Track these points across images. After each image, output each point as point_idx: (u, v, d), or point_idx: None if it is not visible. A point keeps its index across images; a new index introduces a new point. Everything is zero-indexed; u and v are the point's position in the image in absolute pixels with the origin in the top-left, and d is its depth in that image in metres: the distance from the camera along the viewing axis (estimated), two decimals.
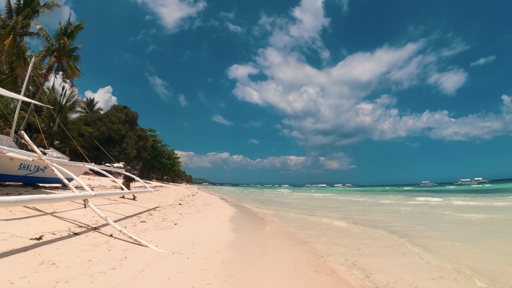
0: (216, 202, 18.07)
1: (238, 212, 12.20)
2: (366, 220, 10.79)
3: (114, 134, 31.47)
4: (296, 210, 14.56)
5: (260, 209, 14.65)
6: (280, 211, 13.80)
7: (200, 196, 23.86)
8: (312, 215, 12.13)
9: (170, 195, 17.78)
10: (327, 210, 15.11)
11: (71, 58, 25.31)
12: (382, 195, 34.48)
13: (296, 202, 21.91)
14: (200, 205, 13.88)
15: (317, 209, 16.17)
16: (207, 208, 12.73)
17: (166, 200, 13.74)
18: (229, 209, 13.57)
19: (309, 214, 12.77)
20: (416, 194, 31.52)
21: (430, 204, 18.34)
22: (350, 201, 22.90)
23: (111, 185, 17.17)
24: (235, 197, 29.06)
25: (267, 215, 11.92)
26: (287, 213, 12.87)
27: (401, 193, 39.67)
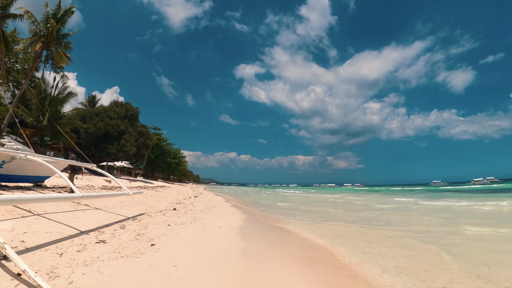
0: (220, 205, 15.67)
1: (249, 221, 9.73)
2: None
3: (112, 130, 29.43)
4: (341, 220, 10.84)
5: (283, 219, 10.23)
6: (319, 222, 9.59)
7: (204, 197, 21.52)
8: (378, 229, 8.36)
9: (167, 197, 15.47)
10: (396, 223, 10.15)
11: (61, 46, 23.26)
12: (412, 195, 30.98)
13: (325, 207, 19.21)
14: (200, 209, 11.47)
15: (371, 219, 11.00)
16: (208, 214, 10.30)
17: (159, 204, 11.39)
18: (235, 215, 11.12)
19: (371, 226, 8.90)
20: (453, 195, 28.14)
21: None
22: (404, 207, 15.99)
23: (86, 185, 14.95)
24: (245, 199, 26.62)
25: (300, 230, 7.84)
26: (330, 225, 9.05)
27: (430, 193, 36.26)
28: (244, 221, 9.29)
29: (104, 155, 29.43)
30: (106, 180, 20.34)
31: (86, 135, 28.55)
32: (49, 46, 22.43)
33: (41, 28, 22.30)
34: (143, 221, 6.96)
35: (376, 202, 20.93)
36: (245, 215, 11.45)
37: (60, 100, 23.33)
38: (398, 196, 30.47)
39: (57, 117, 23.58)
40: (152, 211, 9.10)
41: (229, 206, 15.38)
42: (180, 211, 10.07)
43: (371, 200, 23.10)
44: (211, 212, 11.13)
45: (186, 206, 11.98)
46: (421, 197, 26.09)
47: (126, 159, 30.98)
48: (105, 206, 8.28)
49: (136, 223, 6.49)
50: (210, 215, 10.05)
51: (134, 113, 36.23)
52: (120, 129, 30.20)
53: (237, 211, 12.77)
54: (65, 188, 12.21)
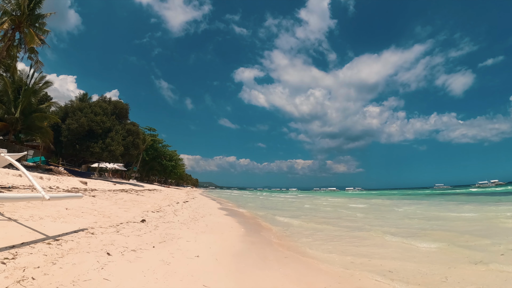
0: (212, 212, 12.80)
1: (249, 241, 6.87)
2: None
3: (96, 127, 26.61)
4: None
5: (302, 241, 6.98)
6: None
7: (195, 203, 18.62)
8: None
9: (147, 203, 12.59)
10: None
11: (35, 28, 20.56)
12: (428, 200, 27.91)
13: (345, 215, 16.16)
14: (181, 220, 8.60)
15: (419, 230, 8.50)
16: (190, 228, 7.44)
17: (126, 213, 8.51)
18: (230, 229, 8.24)
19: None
20: (474, 199, 25.14)
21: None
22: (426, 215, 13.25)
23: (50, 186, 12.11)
24: (244, 204, 23.66)
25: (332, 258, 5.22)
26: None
27: (443, 196, 33.15)
28: (242, 242, 6.44)
29: (88, 155, 26.60)
30: (82, 181, 17.52)
31: (67, 132, 25.76)
32: (20, 27, 19.75)
33: (13, 7, 19.66)
34: (67, 245, 4.11)
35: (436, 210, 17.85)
36: (243, 228, 8.57)
37: (34, 90, 20.57)
38: (434, 200, 27.27)
39: (31, 110, 20.82)
40: (105, 224, 6.24)
41: (223, 215, 12.49)
42: (150, 223, 7.19)
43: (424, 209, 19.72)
44: (197, 224, 8.25)
45: (164, 215, 9.10)
46: (462, 201, 23.05)
47: (112, 159, 28.17)
48: (30, 216, 5.44)
49: (46, 250, 3.64)
50: (193, 230, 7.18)
51: (123, 110, 33.45)
52: (106, 126, 27.40)
53: (232, 222, 9.89)
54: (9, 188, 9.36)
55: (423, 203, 23.33)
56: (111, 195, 13.03)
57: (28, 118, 20.31)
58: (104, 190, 15.88)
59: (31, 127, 20.70)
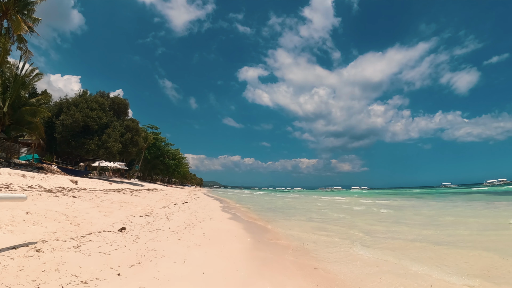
0: (213, 215, 11.27)
1: (260, 256, 5.34)
2: None
3: (92, 123, 25.26)
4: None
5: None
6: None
7: (196, 203, 17.13)
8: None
9: (138, 204, 11.11)
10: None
11: (24, 16, 19.20)
12: (455, 201, 25.51)
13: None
14: (174, 227, 7.09)
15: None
16: (182, 240, 5.96)
17: (108, 217, 7.04)
18: (233, 239, 6.71)
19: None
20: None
21: None
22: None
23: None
24: (250, 205, 22.08)
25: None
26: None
27: (460, 195, 30.76)
28: (249, 259, 4.91)
29: (83, 152, 25.30)
30: (72, 180, 16.15)
31: (61, 129, 24.49)
32: (8, 14, 18.41)
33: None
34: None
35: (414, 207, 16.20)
36: (250, 237, 7.03)
37: (23, 82, 19.24)
38: (462, 201, 25.02)
39: (20, 103, 19.50)
40: (66, 235, 4.76)
41: (226, 219, 10.95)
42: (131, 233, 5.68)
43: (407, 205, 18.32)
44: (192, 232, 6.72)
45: (154, 220, 7.58)
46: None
47: (109, 157, 26.83)
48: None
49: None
50: (185, 241, 5.66)
51: (122, 106, 32.08)
52: (102, 122, 26.06)
53: (236, 229, 8.35)
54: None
55: (459, 205, 20.79)
56: (99, 196, 11.60)
57: (16, 112, 19.07)
58: (94, 190, 14.48)
59: (20, 121, 19.45)
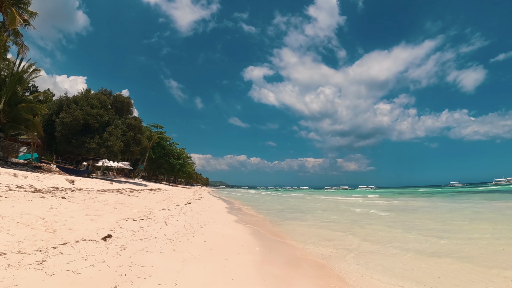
0: (217, 218, 10.29)
1: (272, 275, 4.31)
2: None
3: (93, 121, 24.55)
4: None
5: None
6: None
7: (200, 204, 16.20)
8: None
9: (135, 206, 10.19)
10: None
11: (20, 9, 18.50)
12: (477, 201, 23.61)
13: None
14: (171, 233, 6.14)
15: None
16: (177, 250, 5.00)
17: (95, 222, 6.12)
18: (240, 251, 5.72)
19: None
20: None
21: None
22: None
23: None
24: (258, 205, 21.05)
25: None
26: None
27: (475, 194, 28.80)
28: (259, 278, 3.88)
29: (83, 151, 24.62)
30: (68, 180, 15.37)
31: (61, 127, 23.83)
32: (2, 7, 17.71)
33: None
34: None
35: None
36: (259, 246, 6.02)
37: (19, 78, 18.55)
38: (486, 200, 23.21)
39: (16, 100, 18.83)
40: (33, 245, 3.83)
41: (231, 222, 9.96)
42: (117, 242, 4.73)
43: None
44: (191, 240, 5.74)
45: (149, 225, 6.64)
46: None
47: (110, 156, 26.11)
48: None
49: None
50: (181, 253, 4.68)
51: (124, 104, 31.35)
52: (104, 120, 25.34)
53: (243, 234, 7.34)
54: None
55: (486, 207, 19.08)
56: (93, 197, 10.74)
57: (13, 109, 18.41)
58: (91, 190, 13.65)
59: (16, 119, 18.79)
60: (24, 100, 19.42)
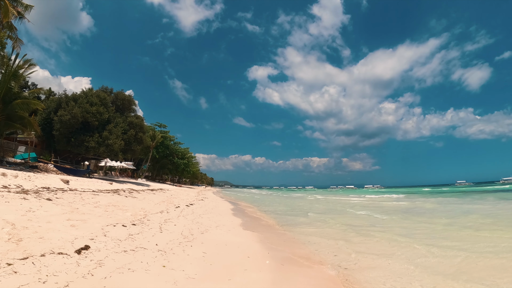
0: (220, 223, 9.35)
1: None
2: None
3: (92, 119, 23.82)
4: None
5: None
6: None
7: (203, 206, 15.29)
8: None
9: (134, 207, 9.29)
10: None
11: (14, 2, 17.76)
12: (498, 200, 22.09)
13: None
14: (164, 243, 5.21)
15: None
16: (168, 267, 4.03)
17: (76, 229, 5.20)
18: (246, 266, 4.73)
19: None
20: None
21: None
22: None
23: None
24: (266, 208, 20.04)
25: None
26: None
27: (491, 194, 27.49)
28: None
29: (82, 150, 23.91)
30: (63, 180, 14.57)
31: (59, 125, 23.14)
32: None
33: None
34: None
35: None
36: (269, 258, 5.04)
37: (14, 73, 17.84)
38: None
39: (11, 96, 18.12)
40: None
41: (237, 226, 9.00)
42: (94, 255, 3.78)
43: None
44: (186, 252, 4.79)
45: (140, 232, 5.71)
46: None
47: (110, 155, 25.39)
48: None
49: None
50: (171, 272, 3.73)
51: (125, 102, 30.61)
52: (103, 117, 24.60)
53: (250, 243, 6.38)
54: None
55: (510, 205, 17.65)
56: (85, 198, 9.88)
57: (7, 106, 17.75)
58: (86, 190, 12.82)
59: (11, 117, 18.11)
60: (19, 97, 18.71)
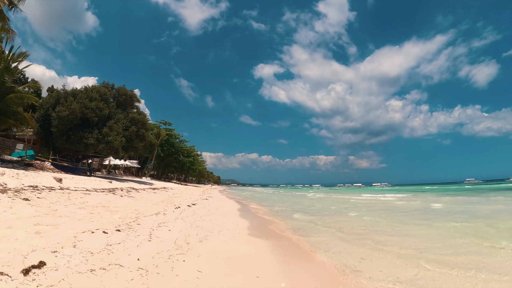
0: (224, 226, 8.17)
1: None
2: None
3: (91, 115, 22.87)
4: None
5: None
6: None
7: (206, 206, 14.17)
8: None
9: (126, 209, 8.19)
10: None
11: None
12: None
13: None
14: (150, 257, 4.02)
15: None
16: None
17: (39, 238, 4.01)
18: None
19: None
20: None
21: None
22: None
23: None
24: (277, 208, 18.76)
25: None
26: None
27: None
28: None
29: (81, 147, 23.03)
30: (56, 178, 13.60)
31: (57, 121, 22.29)
32: None
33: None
34: None
35: None
36: (284, 272, 3.83)
37: (6, 66, 16.95)
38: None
39: (4, 91, 17.25)
40: None
41: (243, 229, 7.81)
42: (46, 276, 2.58)
43: None
44: (178, 268, 3.61)
45: (124, 238, 4.56)
46: None
47: (110, 152, 24.49)
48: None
49: None
50: None
51: (128, 97, 29.69)
52: (103, 113, 23.65)
53: (259, 252, 5.17)
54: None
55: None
56: (73, 197, 8.84)
57: (0, 101, 16.91)
58: (78, 189, 11.81)
59: (4, 112, 17.28)
60: (13, 92, 17.83)
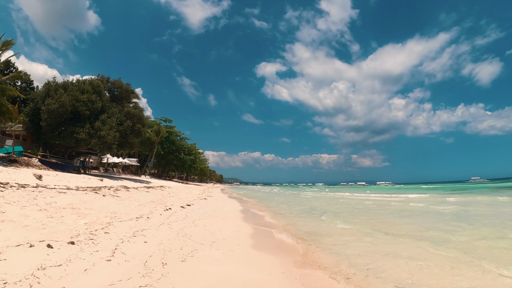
0: (221, 234, 6.67)
1: None
2: None
3: (83, 108, 21.41)
4: None
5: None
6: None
7: (203, 207, 12.66)
8: None
9: (101, 211, 6.68)
10: None
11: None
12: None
13: None
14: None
15: None
16: None
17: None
18: None
19: None
20: None
21: None
22: None
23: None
24: (283, 211, 17.18)
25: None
26: None
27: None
28: None
29: (72, 142, 21.61)
30: (36, 175, 12.17)
31: (47, 115, 20.90)
32: None
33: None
34: None
35: None
36: None
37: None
38: None
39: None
40: None
41: (245, 239, 6.29)
42: None
43: None
44: None
45: (68, 260, 2.99)
46: None
47: (103, 148, 23.04)
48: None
49: None
50: None
51: (124, 91, 28.28)
52: (96, 106, 22.18)
53: (268, 282, 3.64)
54: None
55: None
56: (40, 197, 7.38)
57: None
58: (58, 187, 10.36)
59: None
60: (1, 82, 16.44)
